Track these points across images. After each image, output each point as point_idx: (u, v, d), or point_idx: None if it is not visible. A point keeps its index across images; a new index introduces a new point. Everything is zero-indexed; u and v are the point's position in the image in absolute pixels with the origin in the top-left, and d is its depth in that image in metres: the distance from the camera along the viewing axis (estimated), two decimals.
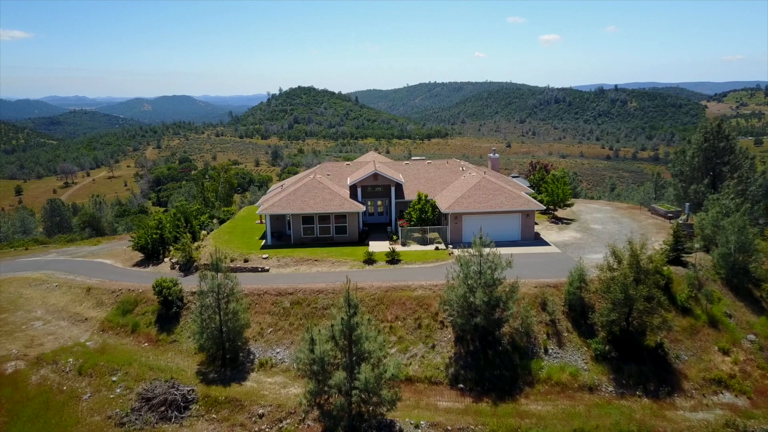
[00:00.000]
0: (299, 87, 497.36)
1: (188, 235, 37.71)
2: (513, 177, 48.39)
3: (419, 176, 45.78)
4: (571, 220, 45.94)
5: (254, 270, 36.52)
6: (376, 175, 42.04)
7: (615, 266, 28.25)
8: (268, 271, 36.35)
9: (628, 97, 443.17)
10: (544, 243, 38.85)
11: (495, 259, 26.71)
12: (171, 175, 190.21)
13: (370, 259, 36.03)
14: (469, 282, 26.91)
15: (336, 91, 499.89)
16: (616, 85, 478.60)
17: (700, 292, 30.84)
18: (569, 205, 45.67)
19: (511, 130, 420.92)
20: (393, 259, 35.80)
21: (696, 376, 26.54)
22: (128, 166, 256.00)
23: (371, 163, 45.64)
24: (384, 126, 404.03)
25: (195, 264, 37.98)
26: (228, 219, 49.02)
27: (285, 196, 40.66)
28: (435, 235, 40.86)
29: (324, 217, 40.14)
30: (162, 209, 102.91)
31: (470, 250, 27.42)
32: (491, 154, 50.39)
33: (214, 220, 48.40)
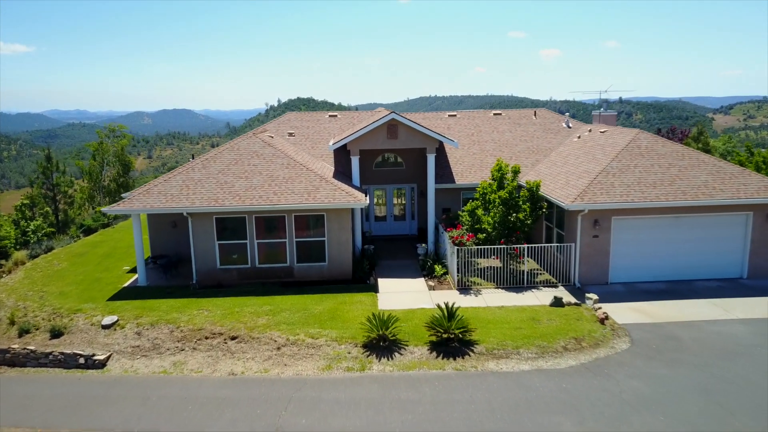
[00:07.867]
0: (298, 98, 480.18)
1: None
2: None
3: (480, 138, 22.80)
4: None
5: (68, 362, 13.50)
6: (393, 128, 18.85)
7: None
8: (103, 366, 13.32)
9: (633, 109, 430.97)
10: None
11: None
12: None
13: (382, 338, 12.85)
14: None
15: (336, 102, 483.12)
16: (620, 98, 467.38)
17: None
18: None
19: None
20: (450, 338, 12.67)
21: None
22: None
23: (381, 111, 22.62)
24: None
25: None
26: (107, 227, 26.03)
27: (183, 171, 17.75)
28: (533, 264, 17.91)
29: (272, 222, 17.10)
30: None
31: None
32: (600, 111, 27.45)
33: (76, 230, 25.40)
